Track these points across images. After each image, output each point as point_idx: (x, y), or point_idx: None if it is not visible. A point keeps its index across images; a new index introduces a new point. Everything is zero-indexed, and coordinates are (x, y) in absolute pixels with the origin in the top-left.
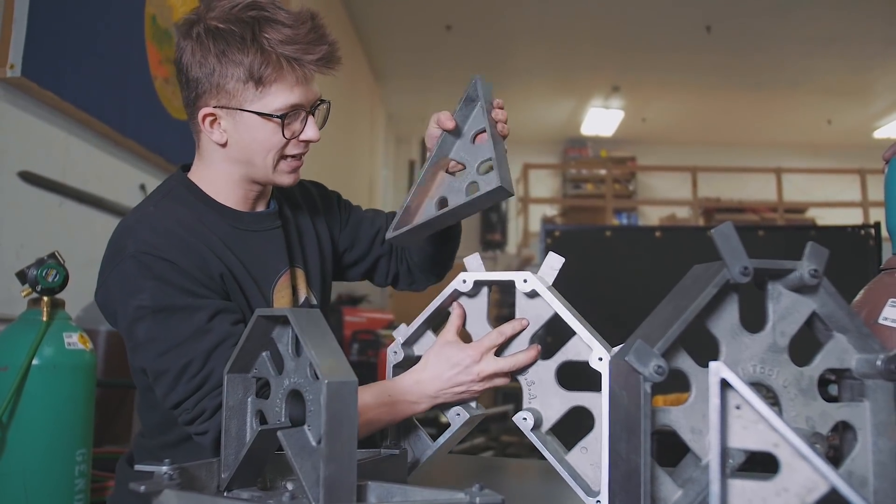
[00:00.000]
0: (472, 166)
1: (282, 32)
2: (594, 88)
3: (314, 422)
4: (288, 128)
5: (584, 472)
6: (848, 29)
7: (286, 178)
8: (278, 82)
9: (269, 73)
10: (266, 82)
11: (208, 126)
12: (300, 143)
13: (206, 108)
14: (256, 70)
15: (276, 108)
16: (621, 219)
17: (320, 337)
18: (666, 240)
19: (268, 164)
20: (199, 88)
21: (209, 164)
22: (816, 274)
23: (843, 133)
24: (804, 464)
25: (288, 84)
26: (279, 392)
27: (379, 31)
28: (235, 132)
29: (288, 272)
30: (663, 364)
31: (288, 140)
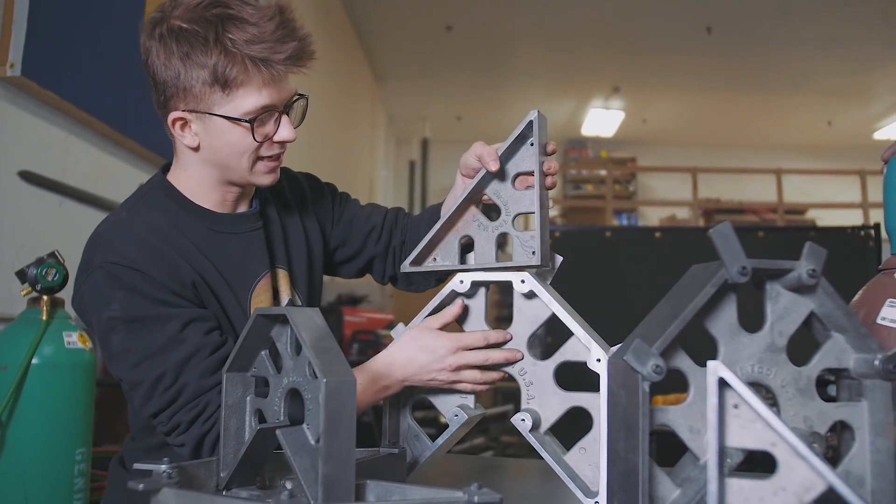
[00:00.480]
0: (508, 213)
1: (247, 31)
2: (595, 89)
3: (313, 420)
4: (259, 130)
5: (582, 472)
6: (848, 31)
7: (264, 178)
8: (245, 85)
9: (234, 74)
10: (232, 85)
11: (179, 130)
12: (275, 144)
13: (176, 111)
14: (221, 72)
15: (245, 111)
16: (621, 220)
17: (319, 335)
18: (666, 240)
19: (242, 166)
20: (166, 92)
21: (185, 166)
22: (814, 274)
23: (844, 134)
24: (802, 463)
25: (255, 85)
26: (278, 391)
27: (379, 31)
28: (206, 136)
29: (268, 275)
30: (661, 363)
31: (261, 143)
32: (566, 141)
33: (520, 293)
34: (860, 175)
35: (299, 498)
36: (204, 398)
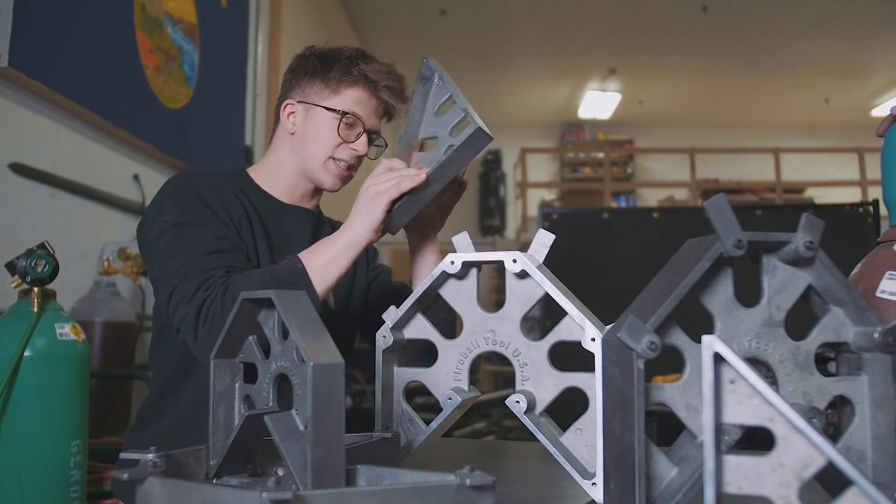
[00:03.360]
0: (444, 135)
1: (371, 64)
2: (591, 71)
3: (301, 405)
4: (342, 130)
5: (579, 453)
6: (844, 8)
7: (330, 179)
8: (349, 89)
9: (346, 80)
10: (340, 86)
11: (285, 116)
12: (350, 150)
13: (288, 100)
14: (338, 78)
15: (340, 106)
16: (620, 202)
17: (306, 319)
18: (664, 221)
19: (318, 157)
20: (285, 88)
21: (272, 153)
22: (812, 246)
23: (841, 112)
24: (800, 438)
25: (356, 95)
26: (266, 376)
27: (373, 15)
28: (304, 124)
29: None
30: (656, 340)
31: (341, 141)
32: (563, 124)
33: (512, 273)
34: (858, 153)
35: (286, 484)
36: (211, 272)
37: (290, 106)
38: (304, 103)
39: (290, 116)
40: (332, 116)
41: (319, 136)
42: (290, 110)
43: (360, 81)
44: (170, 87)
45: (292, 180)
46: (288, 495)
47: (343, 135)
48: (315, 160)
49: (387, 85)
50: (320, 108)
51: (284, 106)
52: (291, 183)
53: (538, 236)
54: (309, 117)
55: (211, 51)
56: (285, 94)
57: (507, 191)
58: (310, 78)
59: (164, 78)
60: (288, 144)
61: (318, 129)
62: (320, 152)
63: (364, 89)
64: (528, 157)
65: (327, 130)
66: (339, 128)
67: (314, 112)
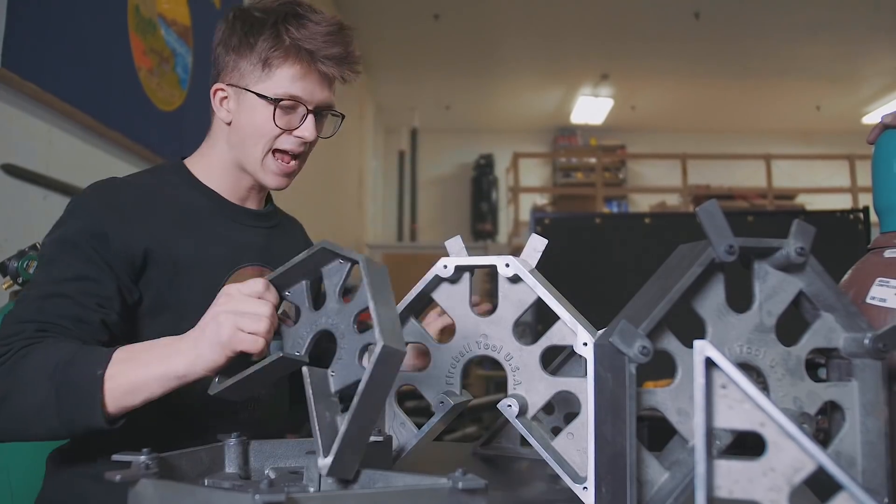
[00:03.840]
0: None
1: (305, 26)
2: (583, 77)
3: (341, 372)
4: (281, 117)
5: (570, 457)
6: (835, 16)
7: (273, 178)
8: (283, 68)
9: (277, 56)
10: (272, 65)
11: (218, 102)
12: (294, 139)
13: (220, 83)
14: (266, 52)
15: (274, 92)
16: (612, 207)
17: (387, 297)
18: (656, 226)
19: (257, 152)
20: (218, 66)
21: (212, 144)
22: (803, 252)
23: (833, 119)
24: (791, 443)
25: (291, 72)
26: (309, 326)
27: (367, 21)
28: (238, 112)
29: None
30: (648, 345)
31: (280, 131)
32: (555, 129)
33: (504, 277)
34: (849, 159)
35: (279, 486)
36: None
37: (220, 91)
38: (234, 87)
39: (223, 102)
40: (266, 103)
41: (255, 128)
42: (221, 95)
43: (292, 54)
44: (163, 89)
45: (234, 175)
46: (281, 497)
47: (282, 123)
48: (252, 157)
49: (327, 55)
50: (252, 93)
51: (215, 91)
52: (234, 178)
53: (531, 241)
54: (242, 104)
55: (204, 53)
56: (216, 74)
57: (499, 195)
58: (237, 53)
59: (157, 80)
60: (224, 135)
61: (253, 119)
62: (257, 147)
63: (299, 63)
64: (520, 161)
65: (263, 119)
66: (275, 116)
67: (246, 98)
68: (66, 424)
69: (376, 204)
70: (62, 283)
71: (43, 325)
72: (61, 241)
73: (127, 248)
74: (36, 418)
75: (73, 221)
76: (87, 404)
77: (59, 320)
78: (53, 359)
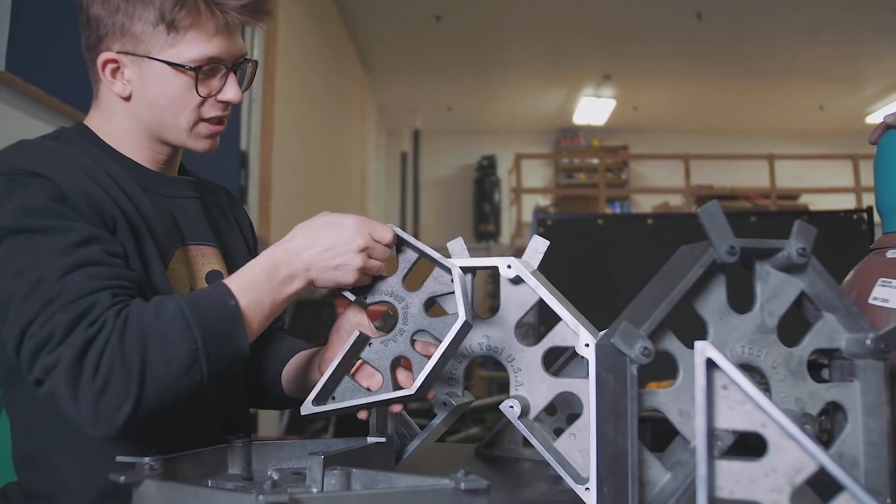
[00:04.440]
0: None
1: None
2: (585, 77)
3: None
4: (203, 84)
5: (572, 458)
6: (838, 16)
7: (202, 142)
8: (194, 28)
9: (183, 16)
10: (180, 27)
11: (109, 75)
12: (218, 103)
13: (108, 53)
14: (169, 11)
15: (189, 58)
16: (614, 207)
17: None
18: (658, 227)
19: (181, 125)
20: (100, 29)
21: (109, 116)
22: (804, 252)
23: (836, 119)
24: (792, 444)
25: (206, 32)
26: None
27: (368, 23)
28: (141, 84)
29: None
30: (649, 346)
31: (204, 98)
32: (558, 130)
33: (506, 278)
34: (853, 159)
35: (282, 487)
36: (91, 298)
37: (111, 62)
38: (130, 55)
39: (116, 75)
40: (182, 73)
41: (172, 98)
42: (113, 67)
43: (201, 12)
44: None
45: (150, 147)
46: (284, 498)
47: (204, 90)
48: (177, 128)
49: (239, 5)
50: (159, 62)
51: (104, 63)
52: (150, 150)
53: (533, 242)
54: (146, 73)
55: None
56: (97, 41)
57: (501, 196)
58: (125, 14)
59: None
60: (124, 109)
61: (167, 90)
62: (179, 120)
63: (211, 19)
64: (522, 162)
65: (179, 90)
66: (197, 85)
67: (150, 67)
68: (216, 365)
69: (379, 205)
70: (75, 250)
71: (113, 290)
72: (26, 212)
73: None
74: (187, 376)
75: (22, 190)
76: (235, 334)
77: (118, 281)
78: (170, 309)
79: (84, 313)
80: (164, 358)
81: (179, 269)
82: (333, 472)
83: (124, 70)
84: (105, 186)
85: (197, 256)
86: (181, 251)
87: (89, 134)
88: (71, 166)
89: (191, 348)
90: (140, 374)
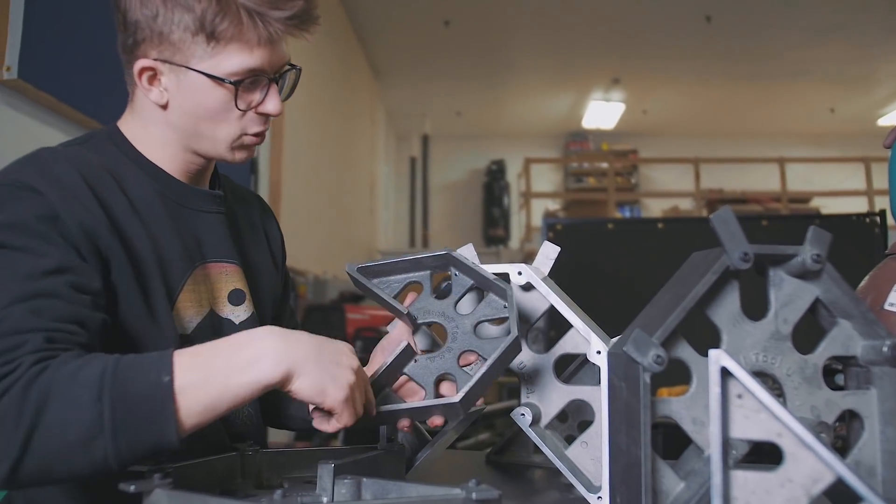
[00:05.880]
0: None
1: None
2: (594, 81)
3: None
4: (243, 97)
5: (584, 467)
6: (849, 17)
7: (238, 154)
8: (236, 40)
9: (225, 26)
10: (221, 38)
11: (146, 83)
12: (258, 116)
13: (145, 59)
14: (210, 20)
15: (230, 71)
16: (624, 212)
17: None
18: (669, 231)
19: (218, 138)
20: (137, 34)
21: (144, 122)
22: (819, 259)
23: (847, 121)
24: (809, 454)
25: (248, 43)
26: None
27: (377, 28)
28: (179, 94)
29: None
30: (662, 353)
31: (243, 112)
32: (567, 134)
33: (517, 285)
34: (864, 162)
35: (293, 498)
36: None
37: (148, 70)
38: (169, 63)
39: (153, 82)
40: (222, 86)
41: (210, 111)
42: (150, 74)
43: (243, 23)
44: None
45: (183, 157)
46: None
47: (244, 104)
48: (214, 141)
49: (284, 16)
50: (198, 73)
51: (141, 70)
52: (182, 158)
53: (543, 248)
54: (183, 83)
55: None
56: (133, 45)
57: (510, 201)
58: (165, 22)
59: None
60: (160, 117)
61: (206, 101)
62: (222, 134)
63: (253, 29)
64: (532, 167)
65: (219, 102)
66: (236, 99)
67: (189, 77)
68: (126, 449)
69: (388, 210)
70: (42, 278)
71: (49, 333)
72: (10, 227)
73: (87, 235)
74: (83, 449)
75: (14, 204)
76: (158, 418)
77: (64, 325)
78: (92, 373)
79: (6, 351)
80: (60, 421)
81: (199, 290)
82: (344, 481)
83: (161, 78)
84: (112, 207)
85: (219, 274)
86: (202, 269)
87: (120, 139)
88: (76, 184)
89: (94, 420)
90: (28, 432)
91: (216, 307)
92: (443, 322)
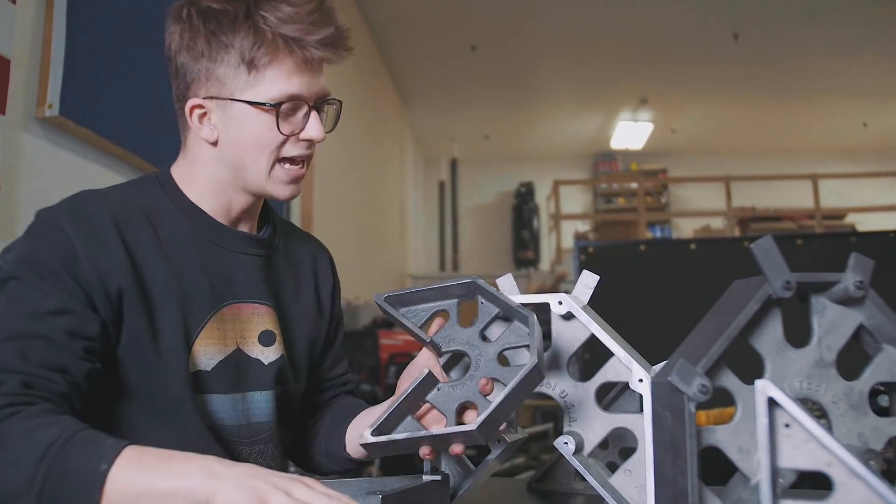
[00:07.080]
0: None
1: (281, 10)
2: (622, 101)
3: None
4: (285, 122)
5: (629, 495)
6: (878, 31)
7: (283, 189)
8: (274, 66)
9: (262, 54)
10: (260, 66)
11: (196, 121)
12: (300, 142)
13: (195, 99)
14: (249, 51)
15: (270, 96)
16: (655, 232)
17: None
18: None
19: (261, 166)
20: (187, 76)
21: (193, 163)
22: (862, 285)
23: (880, 135)
24: (859, 483)
25: (285, 69)
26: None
27: (405, 54)
28: (226, 128)
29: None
30: (707, 383)
31: (286, 137)
32: (595, 155)
33: (557, 315)
34: None
35: None
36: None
37: (198, 108)
38: (216, 99)
39: (203, 120)
40: (264, 111)
41: (254, 141)
42: (200, 112)
43: (280, 48)
44: None
45: (227, 195)
46: None
47: (287, 129)
48: (256, 172)
49: (319, 39)
50: (241, 103)
51: (192, 109)
52: (227, 198)
53: (582, 277)
54: (229, 116)
55: None
56: (184, 88)
57: (540, 223)
58: (209, 59)
59: None
60: (211, 154)
61: (249, 131)
62: (260, 161)
63: (290, 56)
64: (561, 188)
65: (262, 129)
66: (278, 123)
67: (233, 109)
68: None
69: (418, 235)
70: (40, 318)
71: (28, 378)
72: (29, 261)
73: (102, 278)
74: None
75: (40, 240)
76: (82, 500)
77: (45, 372)
78: (46, 436)
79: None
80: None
81: (224, 328)
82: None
83: (211, 115)
84: (136, 245)
85: (251, 315)
86: (232, 308)
87: (167, 180)
88: (103, 225)
89: (26, 481)
90: None
91: (244, 346)
92: (467, 350)
